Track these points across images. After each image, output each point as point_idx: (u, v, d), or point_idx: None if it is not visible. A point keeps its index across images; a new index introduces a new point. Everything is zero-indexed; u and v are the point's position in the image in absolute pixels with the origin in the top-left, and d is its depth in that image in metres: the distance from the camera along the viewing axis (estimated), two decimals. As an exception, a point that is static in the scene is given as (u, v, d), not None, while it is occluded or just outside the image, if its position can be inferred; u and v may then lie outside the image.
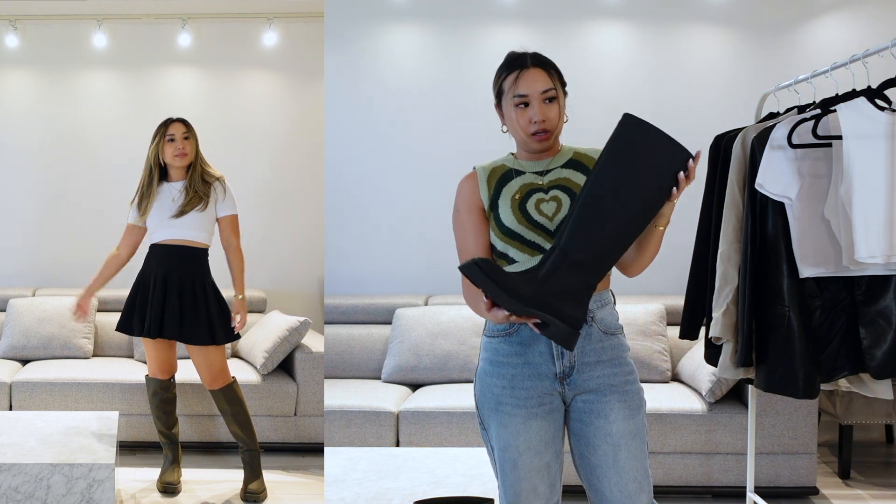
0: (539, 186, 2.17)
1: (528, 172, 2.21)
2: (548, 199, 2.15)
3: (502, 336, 2.16)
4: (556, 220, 2.12)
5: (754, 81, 4.77)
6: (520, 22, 5.05)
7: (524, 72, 2.18)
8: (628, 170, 1.99)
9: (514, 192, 2.17)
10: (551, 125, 2.17)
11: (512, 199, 2.16)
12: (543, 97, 2.16)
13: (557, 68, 2.22)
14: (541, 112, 2.16)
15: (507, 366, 2.15)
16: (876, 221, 2.68)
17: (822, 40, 4.95)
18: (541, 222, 2.13)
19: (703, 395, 3.96)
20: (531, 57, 2.20)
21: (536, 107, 2.16)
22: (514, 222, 2.14)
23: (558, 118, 2.18)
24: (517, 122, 2.19)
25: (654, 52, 5.00)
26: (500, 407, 2.15)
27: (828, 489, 4.04)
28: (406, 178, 5.11)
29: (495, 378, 2.16)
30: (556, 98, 2.17)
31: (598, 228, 1.98)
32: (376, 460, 3.28)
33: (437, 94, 5.09)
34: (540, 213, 2.13)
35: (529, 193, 2.17)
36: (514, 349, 2.15)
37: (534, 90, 2.16)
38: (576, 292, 1.96)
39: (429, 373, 4.45)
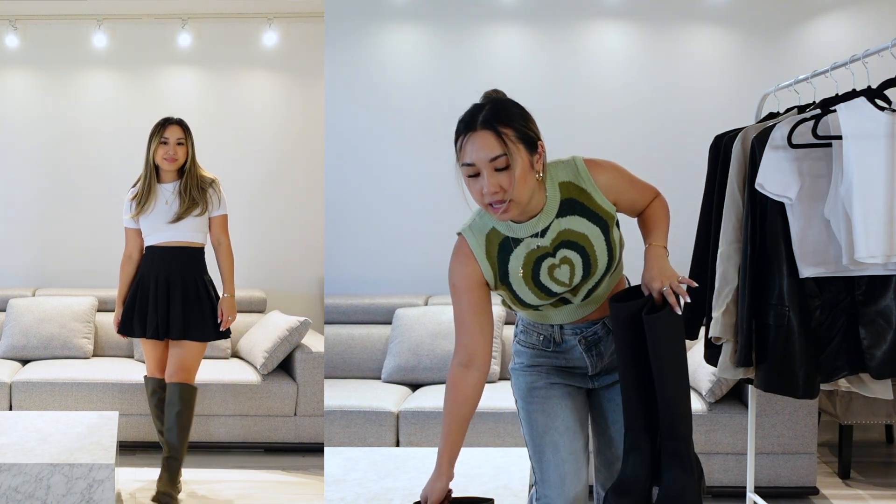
0: (545, 251, 2.06)
1: (526, 238, 2.05)
2: (559, 265, 2.07)
3: (540, 349, 2.24)
4: (573, 281, 2.10)
5: (754, 81, 4.76)
6: (520, 22, 5.05)
7: (470, 136, 1.92)
8: (670, 356, 2.05)
9: (520, 266, 2.05)
10: (508, 195, 1.91)
11: (524, 277, 2.06)
12: (492, 166, 1.90)
13: (518, 124, 1.92)
14: (490, 183, 1.90)
15: (546, 359, 2.23)
16: (876, 221, 2.68)
17: (822, 40, 4.95)
18: (559, 292, 2.12)
19: (703, 395, 3.96)
20: (483, 116, 1.92)
21: (486, 177, 1.91)
22: (535, 299, 2.12)
23: (520, 183, 1.91)
24: (472, 194, 1.97)
25: (655, 52, 4.99)
26: (535, 392, 2.22)
27: (828, 489, 4.04)
28: (406, 178, 5.11)
29: (532, 367, 2.24)
30: (508, 166, 1.89)
31: (683, 402, 2.07)
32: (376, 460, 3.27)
33: (437, 94, 5.08)
34: (557, 283, 2.10)
35: (538, 262, 2.06)
36: (551, 359, 2.24)
37: (480, 158, 1.90)
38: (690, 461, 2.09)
39: (429, 373, 4.45)
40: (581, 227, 2.05)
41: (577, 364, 2.24)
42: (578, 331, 2.18)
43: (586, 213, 2.06)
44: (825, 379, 2.89)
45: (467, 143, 1.92)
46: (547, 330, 2.21)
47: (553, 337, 2.20)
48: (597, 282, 2.13)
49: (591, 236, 2.06)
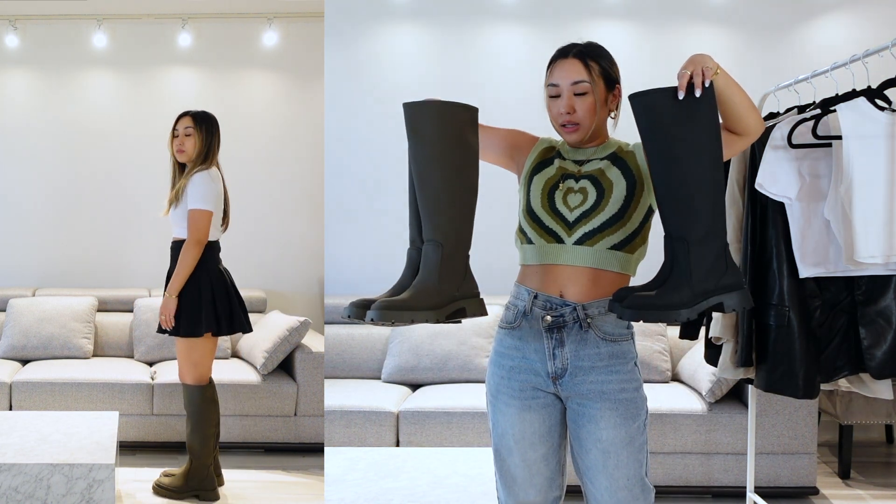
0: (572, 173, 2.16)
1: (569, 160, 2.20)
2: (576, 190, 2.14)
3: (508, 329, 2.20)
4: (575, 212, 2.12)
5: (754, 81, 4.75)
6: (520, 22, 5.05)
7: (560, 61, 2.15)
8: (666, 140, 1.94)
9: (549, 175, 2.17)
10: (579, 118, 2.13)
11: (546, 180, 2.17)
12: (573, 89, 2.13)
13: (604, 62, 2.16)
14: (568, 104, 2.13)
15: (507, 357, 2.19)
16: (876, 221, 2.68)
17: (822, 40, 4.96)
18: (562, 212, 2.13)
19: (703, 395, 3.96)
20: (578, 47, 2.16)
21: (565, 98, 2.13)
22: (538, 206, 2.15)
23: (591, 111, 2.13)
24: (549, 112, 2.18)
25: (655, 52, 4.99)
26: (498, 395, 2.20)
27: (828, 489, 4.04)
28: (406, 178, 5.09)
29: (496, 367, 2.21)
30: (588, 91, 2.12)
31: (689, 201, 1.94)
32: (376, 460, 3.28)
33: (437, 94, 5.05)
34: (564, 204, 2.13)
35: (562, 178, 2.16)
36: (515, 342, 2.18)
37: (564, 81, 2.13)
38: (717, 263, 1.97)
39: (429, 373, 4.45)
40: (613, 176, 2.14)
41: (535, 360, 2.14)
42: (549, 305, 2.12)
43: (625, 169, 2.15)
44: (825, 379, 2.90)
45: (557, 67, 2.15)
46: (524, 298, 2.16)
47: (525, 308, 2.15)
48: (597, 226, 2.10)
49: (617, 186, 2.13)
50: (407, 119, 2.07)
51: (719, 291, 1.97)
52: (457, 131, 2.04)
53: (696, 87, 1.90)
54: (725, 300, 1.98)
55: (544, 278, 2.14)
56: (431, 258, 2.03)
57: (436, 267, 2.02)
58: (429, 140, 2.03)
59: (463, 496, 2.88)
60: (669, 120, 1.93)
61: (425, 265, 2.04)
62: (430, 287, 2.01)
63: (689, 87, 1.91)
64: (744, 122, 2.05)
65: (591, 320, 2.11)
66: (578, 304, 2.11)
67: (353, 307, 2.02)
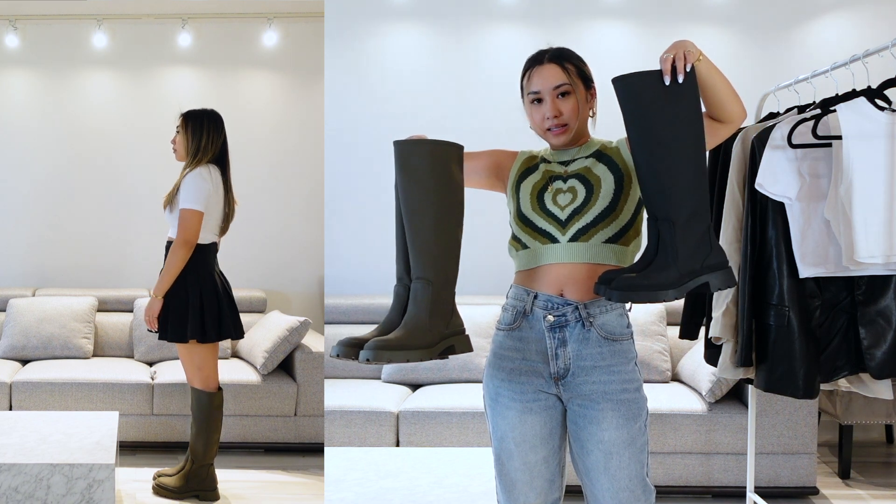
0: (559, 175, 2.19)
1: (554, 162, 2.23)
2: (565, 190, 2.16)
3: (507, 330, 2.19)
4: (567, 210, 2.13)
5: (754, 81, 4.76)
6: (520, 22, 5.05)
7: (536, 68, 2.19)
8: (648, 122, 1.98)
9: (536, 179, 2.19)
10: (566, 119, 2.17)
11: (534, 185, 2.19)
12: (556, 92, 2.17)
13: (579, 63, 2.21)
14: (553, 108, 2.17)
15: (507, 359, 2.18)
16: (876, 221, 2.68)
17: (822, 40, 4.96)
18: (553, 212, 2.14)
19: (703, 395, 3.96)
20: (550, 53, 2.21)
21: (549, 102, 2.17)
22: (529, 209, 2.17)
23: (575, 111, 2.18)
24: (533, 120, 2.21)
25: (655, 52, 4.96)
26: (498, 399, 2.19)
27: (828, 489, 4.04)
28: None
29: (496, 370, 2.19)
30: (570, 92, 2.17)
31: (673, 184, 1.97)
32: (376, 460, 3.28)
33: (437, 94, 5.08)
34: (554, 204, 2.15)
35: (550, 180, 2.18)
36: (515, 344, 2.17)
37: (546, 86, 2.17)
38: (702, 243, 2.00)
39: (429, 373, 4.45)
40: (600, 172, 2.17)
41: (536, 362, 2.14)
42: (550, 304, 2.12)
43: (611, 164, 2.18)
44: (825, 379, 2.90)
45: (534, 74, 2.19)
46: (523, 298, 2.16)
47: (525, 309, 2.15)
48: (590, 221, 2.11)
49: (605, 181, 2.15)
50: (398, 157, 2.06)
51: (705, 271, 2.00)
52: (447, 169, 2.05)
53: (678, 71, 1.95)
54: (711, 280, 2.01)
55: (543, 279, 2.15)
56: (421, 296, 2.05)
57: (426, 305, 2.04)
58: (421, 178, 2.03)
59: (463, 496, 2.88)
60: (652, 101, 1.97)
61: (415, 303, 2.05)
62: (421, 325, 2.03)
63: (672, 71, 1.96)
64: (728, 109, 2.09)
65: (593, 319, 2.12)
66: (580, 303, 2.11)
67: (342, 346, 2.01)
